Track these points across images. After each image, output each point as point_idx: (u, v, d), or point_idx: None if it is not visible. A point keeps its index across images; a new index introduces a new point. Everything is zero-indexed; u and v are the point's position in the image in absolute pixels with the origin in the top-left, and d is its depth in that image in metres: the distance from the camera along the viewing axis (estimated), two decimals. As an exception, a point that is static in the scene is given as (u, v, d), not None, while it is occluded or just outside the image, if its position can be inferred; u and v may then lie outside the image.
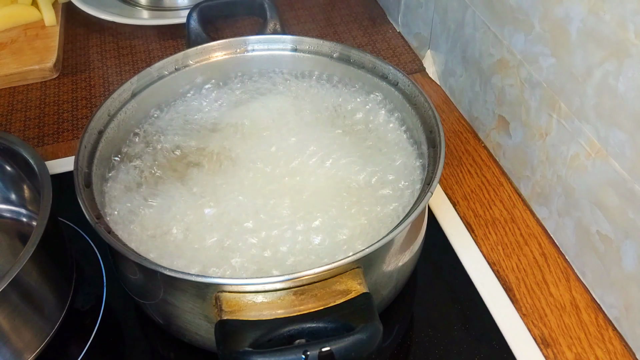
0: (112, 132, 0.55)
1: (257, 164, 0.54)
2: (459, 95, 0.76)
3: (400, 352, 0.52)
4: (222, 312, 0.41)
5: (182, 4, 0.95)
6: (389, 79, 0.58)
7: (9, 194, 0.61)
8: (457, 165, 0.69)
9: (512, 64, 0.62)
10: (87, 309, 0.56)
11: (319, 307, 0.41)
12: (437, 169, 0.48)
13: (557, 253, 0.60)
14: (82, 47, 0.90)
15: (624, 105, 0.47)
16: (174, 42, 0.90)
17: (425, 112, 0.54)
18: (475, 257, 0.59)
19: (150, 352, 0.54)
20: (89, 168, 0.51)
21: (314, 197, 0.51)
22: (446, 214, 0.63)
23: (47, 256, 0.49)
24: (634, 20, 0.44)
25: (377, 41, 0.89)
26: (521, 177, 0.65)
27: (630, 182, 0.48)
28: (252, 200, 0.51)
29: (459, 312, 0.55)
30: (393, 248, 0.46)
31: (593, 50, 0.49)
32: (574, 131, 0.54)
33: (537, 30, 0.56)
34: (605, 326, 0.54)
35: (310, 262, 0.47)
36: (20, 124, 0.77)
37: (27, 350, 0.49)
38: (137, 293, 0.50)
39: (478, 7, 0.66)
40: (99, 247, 0.60)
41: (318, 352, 0.37)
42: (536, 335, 0.54)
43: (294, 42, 0.63)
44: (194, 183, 0.53)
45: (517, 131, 0.63)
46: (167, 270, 0.41)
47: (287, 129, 0.58)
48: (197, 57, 0.62)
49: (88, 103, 0.80)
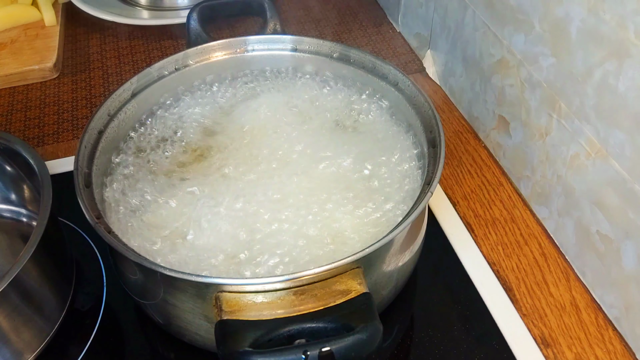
0: (112, 132, 0.55)
1: (257, 164, 0.55)
2: (459, 95, 0.76)
3: (400, 352, 0.52)
4: (222, 312, 0.41)
5: (182, 4, 0.95)
6: (389, 79, 0.58)
7: (9, 194, 0.61)
8: (457, 165, 0.69)
9: (512, 64, 0.62)
10: (87, 309, 0.56)
11: (319, 307, 0.41)
12: (437, 169, 0.48)
13: (557, 253, 0.60)
14: (82, 47, 0.90)
15: (624, 105, 0.47)
16: (174, 42, 0.90)
17: (425, 112, 0.54)
18: (475, 257, 0.59)
19: (150, 352, 0.54)
20: (89, 168, 0.51)
21: (314, 196, 0.51)
22: (446, 214, 0.63)
23: (47, 256, 0.49)
24: (634, 20, 0.44)
25: (377, 41, 0.89)
26: (521, 177, 0.65)
27: (630, 182, 0.48)
28: (252, 200, 0.51)
29: (459, 312, 0.55)
30: (393, 248, 0.46)
31: (593, 50, 0.49)
32: (574, 131, 0.54)
33: (537, 30, 0.56)
34: (605, 326, 0.54)
35: (310, 260, 0.47)
36: (20, 124, 0.77)
37: (27, 350, 0.49)
38: (137, 293, 0.50)
39: (478, 7, 0.66)
40: (99, 247, 0.60)
41: (318, 352, 0.37)
42: (536, 335, 0.54)
43: (294, 42, 0.63)
44: (194, 183, 0.53)
45: (517, 131, 0.63)
46: (167, 270, 0.41)
47: (286, 129, 0.58)
48: (197, 57, 0.62)
49: (88, 103, 0.80)
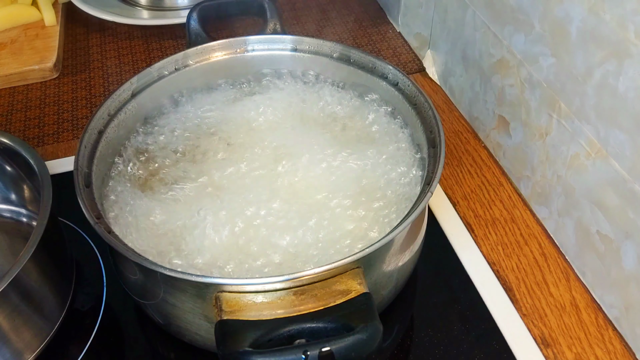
0: (112, 132, 0.55)
1: (257, 164, 0.55)
2: (459, 95, 0.76)
3: (400, 352, 0.52)
4: (222, 312, 0.41)
5: (182, 4, 0.95)
6: (389, 79, 0.58)
7: (9, 194, 0.61)
8: (457, 165, 0.69)
9: (512, 64, 0.62)
10: (87, 309, 0.56)
11: (319, 307, 0.41)
12: (437, 169, 0.48)
13: (557, 253, 0.60)
14: (82, 47, 0.90)
15: (624, 105, 0.47)
16: (174, 42, 0.90)
17: (425, 112, 0.54)
18: (475, 257, 0.59)
19: (150, 352, 0.54)
20: (89, 168, 0.51)
21: (313, 196, 0.51)
22: (446, 214, 0.63)
23: (47, 256, 0.49)
24: (634, 20, 0.44)
25: (377, 41, 0.89)
26: (521, 177, 0.65)
27: (630, 182, 0.48)
28: (252, 199, 0.51)
29: (459, 312, 0.55)
30: (393, 248, 0.46)
31: (593, 50, 0.49)
32: (574, 131, 0.54)
33: (537, 30, 0.56)
34: (605, 326, 0.54)
35: (309, 258, 0.47)
36: (20, 124, 0.77)
37: (27, 350, 0.49)
38: (137, 293, 0.50)
39: (478, 7, 0.66)
40: (99, 247, 0.60)
41: (318, 352, 0.37)
42: (536, 335, 0.54)
43: (294, 42, 0.63)
44: (194, 183, 0.53)
45: (517, 131, 0.63)
46: (167, 270, 0.41)
47: (287, 129, 0.58)
48: (197, 57, 0.62)
49: (88, 103, 0.80)
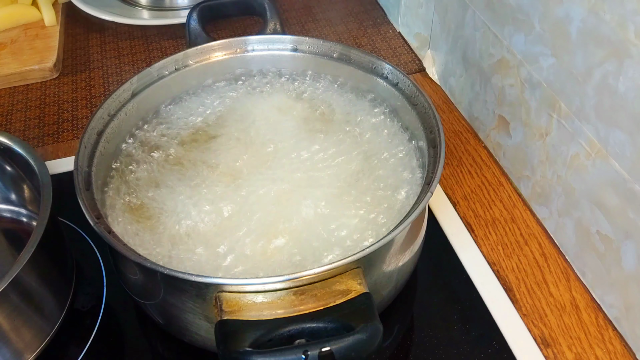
0: (112, 132, 0.55)
1: (256, 164, 0.55)
2: (459, 95, 0.76)
3: (400, 352, 0.52)
4: (222, 312, 0.41)
5: (182, 4, 0.95)
6: (388, 79, 0.58)
7: (9, 194, 0.61)
8: (457, 165, 0.69)
9: (512, 64, 0.62)
10: (87, 309, 0.56)
11: (319, 307, 0.41)
12: (437, 169, 0.48)
13: (557, 253, 0.60)
14: (82, 47, 0.90)
15: (624, 105, 0.47)
16: (174, 42, 0.90)
17: (425, 112, 0.54)
18: (475, 257, 0.59)
19: (150, 352, 0.54)
20: (89, 168, 0.51)
21: (313, 196, 0.51)
22: (446, 214, 0.63)
23: (47, 256, 0.49)
24: (634, 20, 0.44)
25: (377, 41, 0.89)
26: (521, 177, 0.65)
27: (630, 182, 0.48)
28: (252, 199, 0.51)
29: (459, 312, 0.55)
30: (393, 248, 0.46)
31: (593, 50, 0.49)
32: (574, 131, 0.54)
33: (537, 30, 0.56)
34: (605, 326, 0.54)
35: (308, 257, 0.47)
36: (20, 124, 0.77)
37: (27, 350, 0.49)
38: (137, 293, 0.50)
39: (478, 7, 0.66)
40: (99, 247, 0.60)
41: (318, 352, 0.37)
42: (536, 335, 0.54)
43: (294, 42, 0.63)
44: (194, 182, 0.53)
45: (517, 131, 0.63)
46: (167, 270, 0.41)
47: (287, 129, 0.58)
48: (197, 57, 0.62)
49: (88, 103, 0.80)
